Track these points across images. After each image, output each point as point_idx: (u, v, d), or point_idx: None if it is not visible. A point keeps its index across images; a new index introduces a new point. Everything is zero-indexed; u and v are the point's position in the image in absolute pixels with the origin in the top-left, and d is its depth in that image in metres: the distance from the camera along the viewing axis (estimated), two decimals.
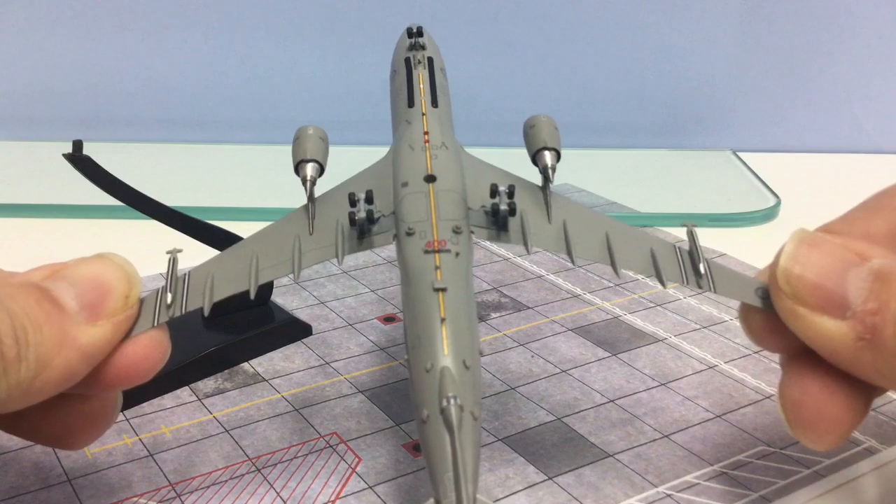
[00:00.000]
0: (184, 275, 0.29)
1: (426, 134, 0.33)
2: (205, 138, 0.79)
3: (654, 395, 0.39)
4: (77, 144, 0.37)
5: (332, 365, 0.41)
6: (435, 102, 0.35)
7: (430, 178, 0.31)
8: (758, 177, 0.70)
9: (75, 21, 0.77)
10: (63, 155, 0.37)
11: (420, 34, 0.38)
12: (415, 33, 0.38)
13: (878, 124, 0.83)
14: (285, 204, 0.35)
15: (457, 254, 0.29)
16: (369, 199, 0.30)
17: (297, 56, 0.79)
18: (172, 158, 0.76)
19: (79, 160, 0.37)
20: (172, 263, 0.28)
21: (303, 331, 0.44)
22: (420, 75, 0.36)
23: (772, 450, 0.35)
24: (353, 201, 0.30)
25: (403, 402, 0.38)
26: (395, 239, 0.30)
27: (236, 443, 0.35)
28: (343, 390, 0.39)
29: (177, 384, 0.39)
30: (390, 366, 0.41)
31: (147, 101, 0.80)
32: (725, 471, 0.34)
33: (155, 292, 0.28)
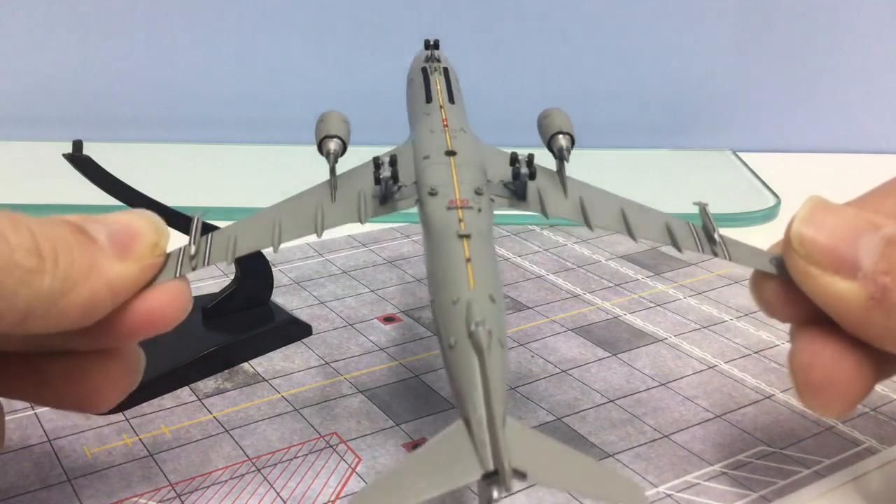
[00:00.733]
0: (207, 236, 0.29)
1: (445, 121, 0.35)
2: (205, 138, 0.79)
3: (654, 395, 0.39)
4: (77, 144, 0.37)
5: (332, 365, 0.41)
6: (451, 99, 0.37)
7: (451, 153, 0.33)
8: (758, 177, 0.70)
9: (75, 21, 0.77)
10: (63, 155, 0.37)
11: (437, 46, 0.40)
12: (432, 45, 0.40)
13: (878, 124, 0.83)
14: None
15: (479, 209, 0.30)
16: (393, 162, 0.31)
17: (297, 56, 0.79)
18: (172, 158, 0.76)
19: (79, 160, 0.37)
20: (196, 224, 0.29)
21: (303, 331, 0.44)
22: (437, 80, 0.38)
23: (772, 450, 0.35)
24: (378, 164, 0.31)
25: (403, 402, 0.38)
26: (417, 203, 0.31)
27: (236, 443, 0.35)
28: (343, 390, 0.39)
29: (177, 384, 0.39)
30: (390, 366, 0.41)
31: (147, 101, 0.80)
32: (725, 471, 0.34)
33: (179, 249, 0.29)
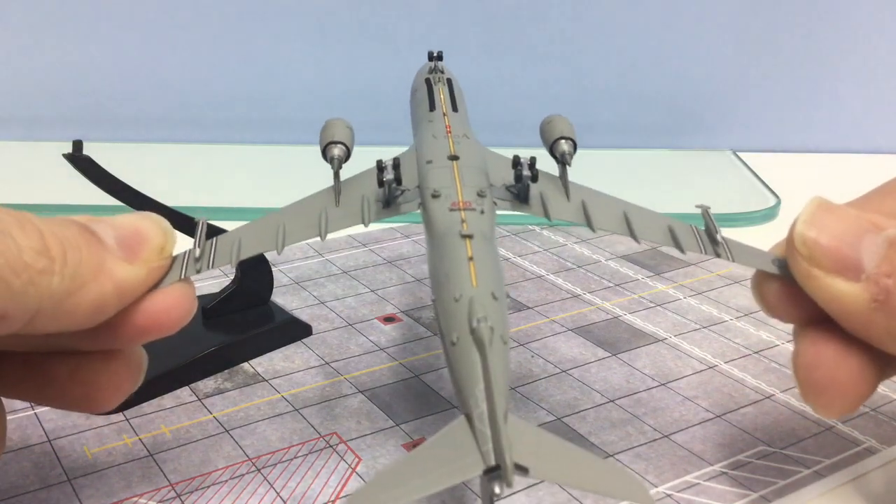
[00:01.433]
0: (211, 240, 0.30)
1: (448, 127, 0.35)
2: (205, 138, 0.79)
3: (654, 395, 0.39)
4: (77, 144, 0.37)
5: (332, 365, 0.41)
6: (455, 108, 0.37)
7: (454, 157, 0.33)
8: (758, 177, 0.70)
9: (75, 21, 0.77)
10: (63, 155, 0.37)
11: (440, 58, 0.41)
12: (435, 57, 0.41)
13: (878, 124, 0.83)
14: (286, 204, 0.35)
15: (482, 211, 0.30)
16: (396, 165, 0.31)
17: (298, 56, 0.79)
18: (172, 158, 0.76)
19: (79, 160, 0.37)
20: (201, 228, 0.29)
21: (303, 331, 0.44)
22: (441, 89, 0.38)
23: (772, 450, 0.35)
24: (381, 167, 0.31)
25: (403, 402, 0.38)
26: (420, 207, 0.32)
27: (236, 443, 0.35)
28: (343, 390, 0.39)
29: (177, 384, 0.39)
30: (390, 366, 0.41)
31: (147, 101, 0.80)
32: (725, 471, 0.34)
33: (184, 252, 0.29)
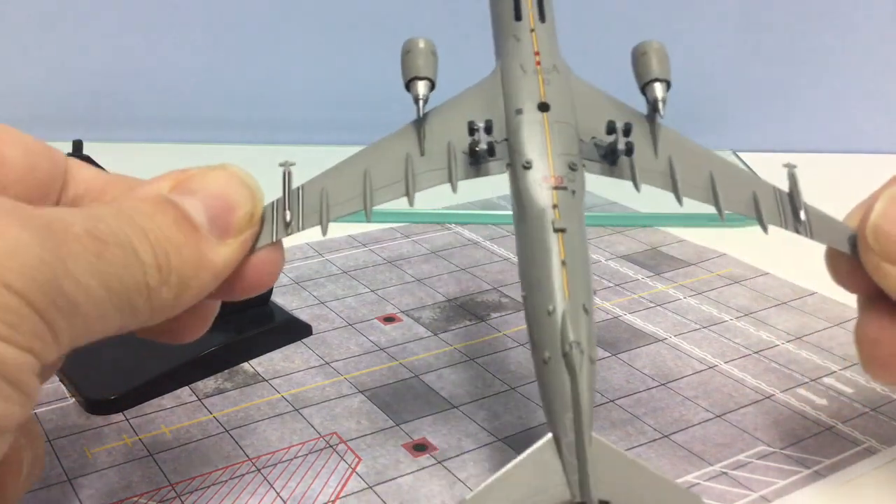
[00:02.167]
0: (297, 189, 0.28)
1: (537, 55, 0.32)
2: (205, 138, 0.79)
3: (654, 395, 0.39)
4: (77, 144, 0.37)
5: (332, 365, 0.41)
6: (542, 17, 0.34)
7: (544, 107, 0.31)
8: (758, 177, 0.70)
9: (75, 21, 0.77)
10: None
11: None
12: None
13: (878, 124, 0.83)
14: None
15: (573, 192, 0.29)
16: (489, 130, 0.30)
17: (298, 56, 0.79)
18: (172, 158, 0.76)
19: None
20: (287, 177, 0.28)
21: (303, 331, 0.44)
22: None
23: (772, 450, 0.35)
24: (473, 129, 0.30)
25: (403, 402, 0.38)
26: (508, 168, 0.30)
27: (236, 443, 0.35)
28: (343, 390, 0.39)
29: (177, 384, 0.39)
30: (390, 366, 0.41)
31: (147, 102, 0.80)
32: (725, 471, 0.34)
33: (272, 205, 0.28)
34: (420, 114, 0.30)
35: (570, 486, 0.25)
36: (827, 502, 0.32)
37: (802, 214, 0.30)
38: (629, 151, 0.30)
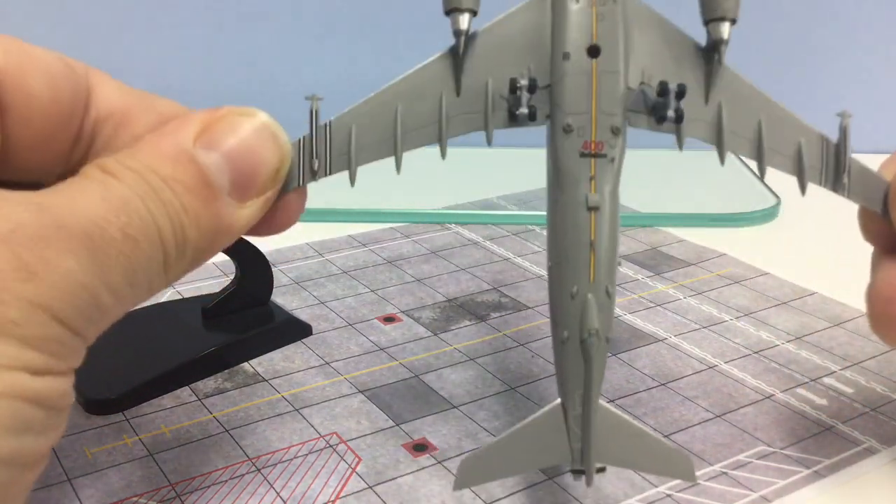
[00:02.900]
0: (325, 124, 0.27)
1: None
2: None
3: (654, 395, 0.39)
4: None
5: (332, 365, 0.41)
6: None
7: (594, 51, 0.28)
8: (758, 177, 0.70)
9: (75, 21, 0.77)
10: None
11: None
12: None
13: (878, 124, 0.83)
14: None
15: (612, 159, 0.28)
16: (532, 89, 0.28)
17: (298, 56, 0.79)
18: None
19: None
20: (315, 115, 0.27)
21: (303, 331, 0.44)
22: None
23: (772, 450, 0.35)
24: (515, 87, 0.28)
25: (403, 402, 0.38)
26: (547, 119, 0.28)
27: (236, 443, 0.35)
28: (343, 390, 0.39)
29: (177, 384, 0.39)
30: (390, 366, 0.41)
31: None
32: (725, 471, 0.34)
33: (298, 142, 0.27)
34: (460, 50, 0.28)
35: (573, 452, 0.28)
36: (827, 502, 0.32)
37: (845, 179, 0.29)
38: (679, 119, 0.29)
